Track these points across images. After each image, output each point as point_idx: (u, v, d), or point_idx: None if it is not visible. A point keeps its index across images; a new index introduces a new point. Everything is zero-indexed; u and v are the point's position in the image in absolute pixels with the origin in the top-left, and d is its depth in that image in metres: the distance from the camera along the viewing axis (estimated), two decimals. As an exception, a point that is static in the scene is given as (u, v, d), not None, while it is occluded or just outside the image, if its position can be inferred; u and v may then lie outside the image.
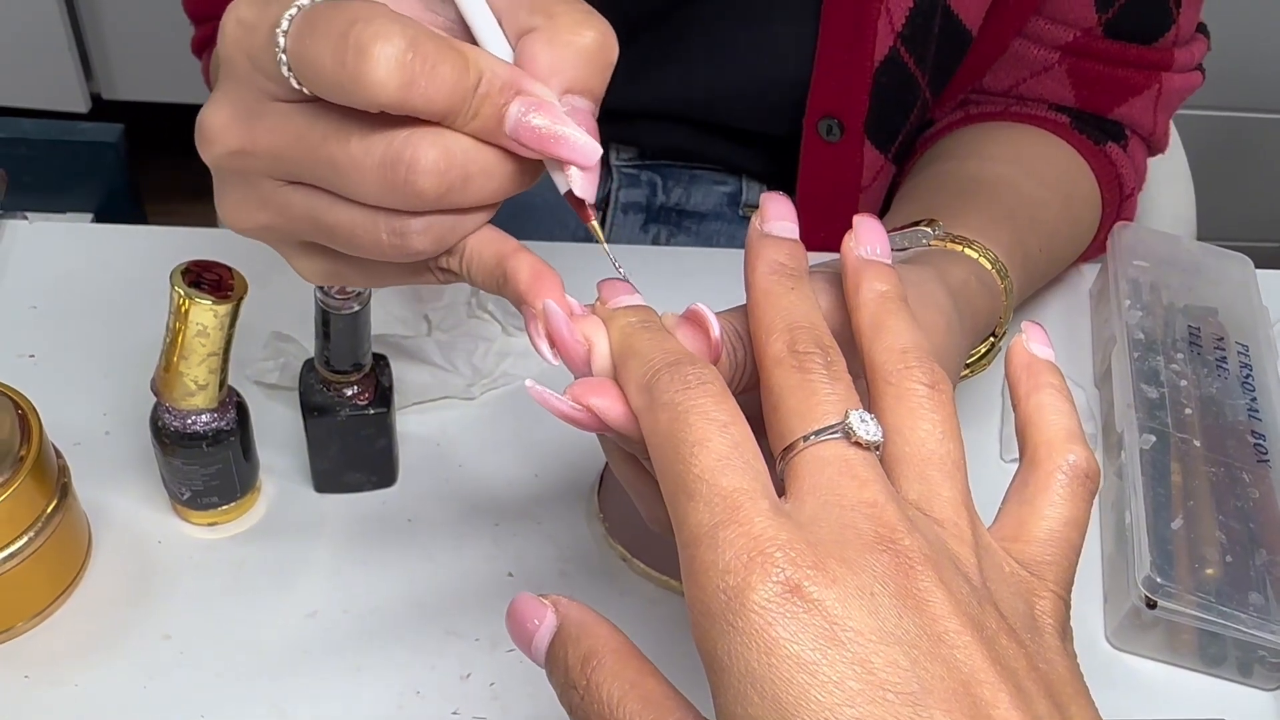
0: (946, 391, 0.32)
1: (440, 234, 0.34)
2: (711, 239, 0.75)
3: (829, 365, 0.32)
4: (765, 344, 0.33)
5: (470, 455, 0.57)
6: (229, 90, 0.35)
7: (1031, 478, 0.33)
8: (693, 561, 0.28)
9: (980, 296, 0.50)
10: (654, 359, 0.31)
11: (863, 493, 0.29)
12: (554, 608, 0.31)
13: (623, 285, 0.35)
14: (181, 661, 0.48)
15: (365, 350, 0.50)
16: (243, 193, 0.36)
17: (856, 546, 0.28)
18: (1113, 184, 0.65)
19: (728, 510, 0.28)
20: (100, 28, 1.59)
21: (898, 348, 0.33)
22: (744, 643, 0.26)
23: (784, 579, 0.26)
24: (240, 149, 0.35)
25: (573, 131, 0.33)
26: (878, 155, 0.67)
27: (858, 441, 0.30)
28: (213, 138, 0.35)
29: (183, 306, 0.44)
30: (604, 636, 0.30)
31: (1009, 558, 0.31)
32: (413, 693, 0.48)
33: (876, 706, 0.25)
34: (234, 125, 0.34)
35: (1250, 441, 0.57)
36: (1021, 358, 0.35)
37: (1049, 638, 0.30)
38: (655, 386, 0.31)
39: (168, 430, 0.48)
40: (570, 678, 0.30)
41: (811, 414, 0.30)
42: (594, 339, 0.34)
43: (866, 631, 0.26)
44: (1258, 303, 0.66)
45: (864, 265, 0.35)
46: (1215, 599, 0.50)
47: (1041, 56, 0.65)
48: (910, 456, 0.31)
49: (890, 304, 0.34)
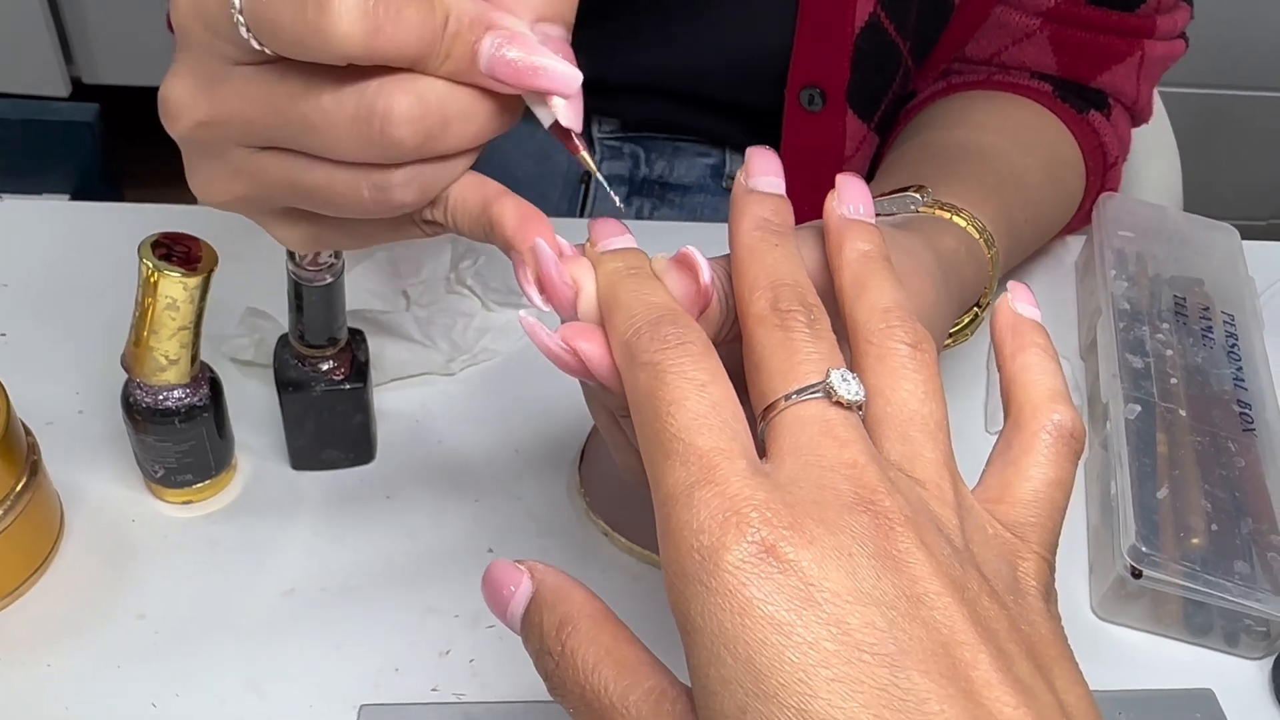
0: (929, 351, 0.32)
1: (423, 184, 0.33)
2: (695, 211, 0.75)
3: (812, 324, 0.31)
4: (748, 301, 0.32)
5: (450, 431, 0.56)
6: (188, 60, 0.33)
7: (1016, 438, 0.32)
8: (668, 521, 0.27)
9: (968, 266, 0.49)
10: (636, 314, 0.31)
11: (843, 453, 0.28)
12: (530, 573, 0.31)
13: (614, 225, 0.34)
14: (156, 641, 0.47)
15: (340, 324, 0.49)
16: (214, 164, 0.35)
17: (835, 507, 0.27)
18: (1096, 152, 0.65)
19: (704, 470, 0.27)
20: (80, 12, 1.58)
21: (880, 307, 0.32)
22: (717, 603, 0.26)
23: (759, 539, 0.26)
24: (207, 119, 0.33)
25: (550, 61, 0.31)
26: (860, 125, 0.67)
27: (839, 401, 0.29)
28: (177, 111, 0.34)
29: (152, 279, 0.44)
30: (579, 602, 0.30)
31: (992, 519, 0.31)
32: (391, 670, 0.47)
33: (852, 667, 0.25)
34: (197, 95, 0.33)
35: (1236, 411, 0.57)
36: (1007, 317, 0.35)
37: (1032, 600, 0.29)
38: (636, 344, 0.30)
39: (139, 406, 0.48)
40: (545, 643, 0.30)
41: (793, 373, 0.30)
42: (582, 282, 0.33)
43: (843, 592, 0.25)
44: (1244, 273, 0.66)
45: (847, 224, 0.34)
46: (1201, 568, 0.50)
47: (1023, 23, 0.64)
48: (892, 417, 0.30)
49: (873, 263, 0.33)
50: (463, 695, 0.47)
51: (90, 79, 1.64)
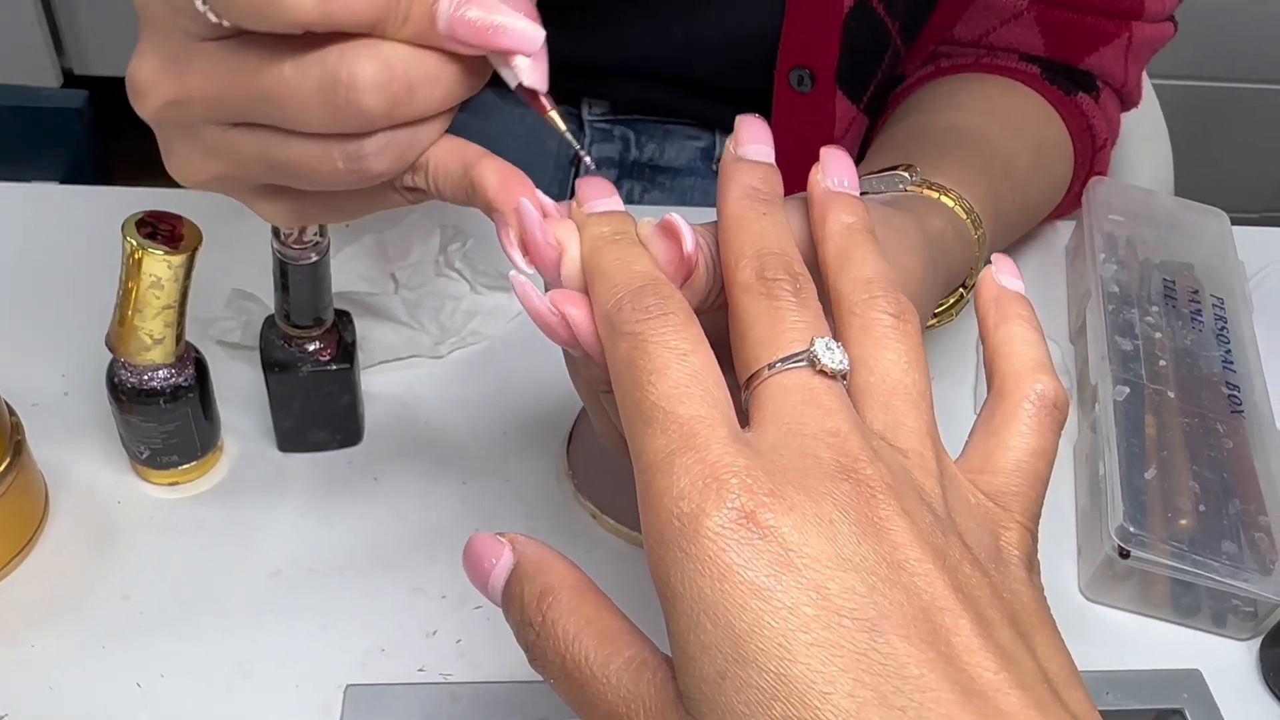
0: (912, 321, 0.31)
1: (397, 151, 0.33)
2: (685, 194, 0.75)
3: (798, 292, 0.31)
4: (734, 270, 0.32)
5: (437, 413, 0.56)
6: (152, 39, 0.33)
7: (999, 408, 0.32)
8: (648, 488, 0.27)
9: (955, 246, 0.49)
10: (618, 283, 0.31)
11: (826, 421, 0.28)
12: (511, 545, 0.31)
13: (602, 185, 0.34)
14: (141, 622, 0.47)
15: (326, 304, 0.49)
16: (188, 144, 0.35)
17: (817, 474, 0.27)
18: (1084, 135, 0.65)
19: (684, 437, 0.27)
20: (71, 3, 1.57)
21: (863, 278, 0.32)
22: (697, 569, 0.25)
23: (739, 505, 0.26)
24: (175, 98, 0.33)
25: (510, 19, 0.31)
26: (849, 106, 0.67)
27: (823, 370, 0.29)
28: (145, 90, 0.34)
29: (135, 256, 0.43)
30: (561, 573, 0.30)
31: (975, 489, 0.31)
32: (378, 650, 0.47)
33: (831, 632, 0.24)
34: (164, 74, 0.33)
35: (1224, 393, 0.57)
36: (990, 290, 0.35)
37: (1014, 569, 0.29)
38: (618, 314, 0.30)
39: (124, 386, 0.47)
40: (526, 614, 0.29)
41: (777, 342, 0.30)
42: (566, 243, 0.33)
43: (823, 558, 0.25)
44: (1233, 257, 0.66)
45: (831, 197, 0.34)
46: (1189, 548, 0.50)
47: (1011, 3, 0.64)
48: (875, 386, 0.30)
49: (856, 235, 0.33)
50: (449, 675, 0.47)
51: (81, 70, 1.63)
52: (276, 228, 0.46)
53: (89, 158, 1.24)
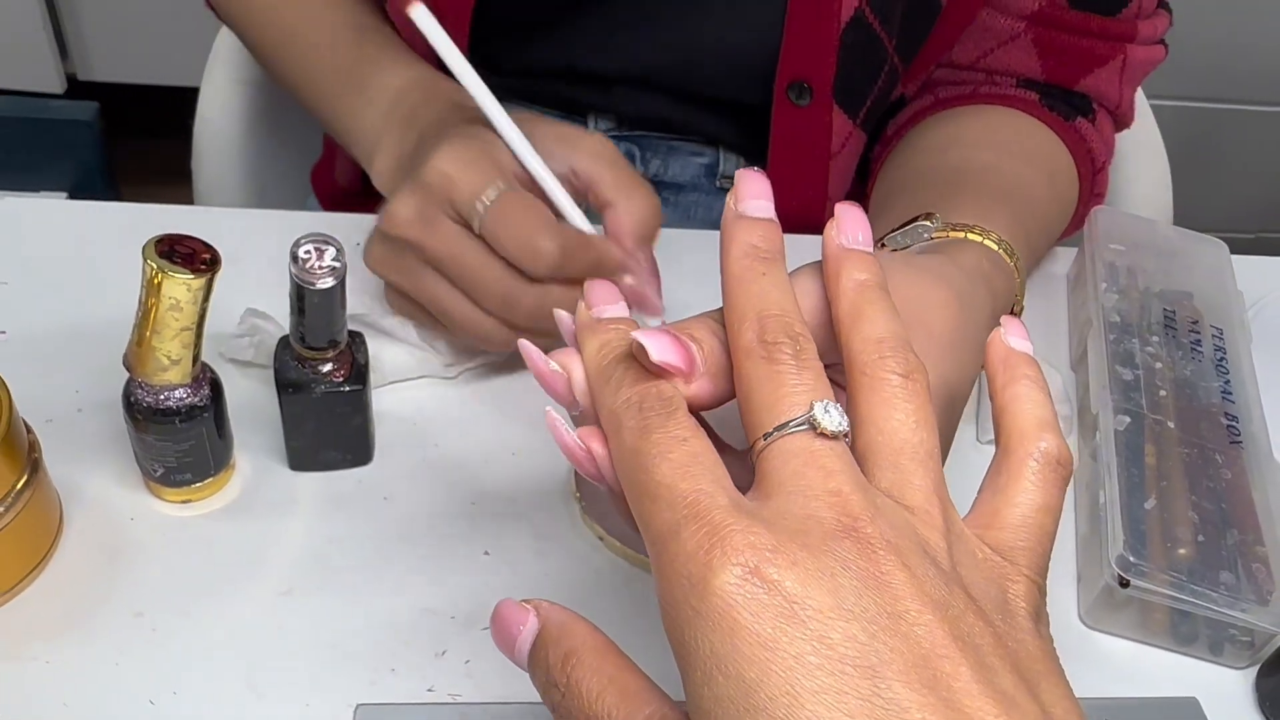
0: (921, 381, 0.32)
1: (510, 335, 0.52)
2: (689, 210, 0.76)
3: (797, 355, 0.31)
4: (737, 333, 0.33)
5: (447, 434, 0.57)
6: (419, 195, 0.51)
7: (1004, 465, 0.33)
8: (659, 557, 0.29)
9: (995, 275, 0.50)
10: (623, 388, 0.32)
11: (828, 482, 0.29)
12: (535, 611, 0.32)
13: (607, 291, 0.36)
14: (153, 639, 0.48)
15: (340, 326, 0.50)
16: (394, 257, 0.53)
17: (819, 534, 0.28)
18: (1085, 158, 0.66)
19: (689, 508, 0.28)
20: (76, 8, 1.58)
21: (873, 337, 0.33)
22: (707, 626, 0.27)
23: (744, 562, 0.27)
24: (414, 241, 0.51)
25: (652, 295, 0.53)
26: (846, 120, 0.68)
27: (823, 432, 0.30)
28: (397, 224, 0.52)
29: (155, 279, 0.44)
30: (583, 635, 0.31)
31: (982, 544, 0.31)
32: (387, 670, 0.48)
33: (835, 679, 0.25)
34: (416, 223, 0.51)
35: (1223, 423, 0.58)
36: (999, 351, 0.35)
37: (1021, 619, 0.30)
38: (625, 413, 0.31)
39: (140, 406, 0.48)
40: (551, 676, 0.31)
41: (778, 407, 0.31)
42: (570, 369, 0.34)
43: (825, 609, 0.26)
44: (1232, 287, 0.66)
45: (844, 254, 0.35)
46: (1187, 578, 0.50)
47: (1008, 26, 0.65)
48: (883, 445, 0.31)
49: (869, 292, 0.34)
50: (458, 696, 0.47)
51: (85, 76, 1.64)
52: (294, 251, 0.46)
53: (98, 170, 1.24)
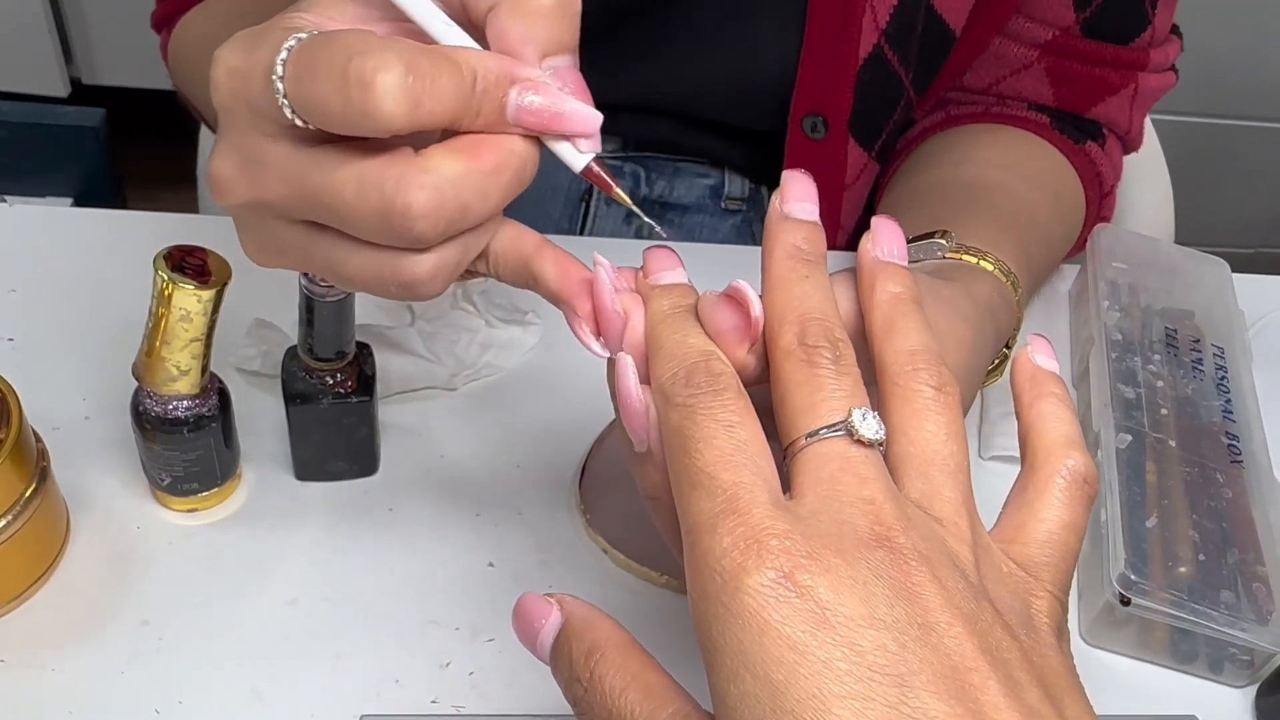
0: (953, 394, 0.33)
1: (449, 271, 0.35)
2: (694, 231, 0.76)
3: (837, 360, 0.32)
4: (777, 334, 0.33)
5: (452, 445, 0.57)
6: (232, 139, 0.35)
7: (1031, 482, 0.34)
8: (694, 548, 0.29)
9: (1001, 312, 0.51)
10: (674, 356, 0.32)
11: (862, 490, 0.29)
12: (559, 605, 0.32)
13: (668, 257, 0.36)
14: (160, 647, 0.48)
15: (349, 338, 0.50)
16: (263, 238, 0.37)
17: (852, 541, 0.28)
18: (1093, 182, 0.66)
19: (728, 501, 0.29)
20: (81, 12, 1.58)
21: (906, 349, 0.33)
22: (738, 624, 0.27)
23: (778, 565, 0.27)
24: (252, 200, 0.35)
25: (571, 104, 0.33)
26: (861, 153, 0.68)
27: (860, 439, 0.30)
28: (225, 189, 0.36)
29: (166, 291, 0.44)
30: (607, 631, 0.31)
31: (1007, 559, 0.32)
32: (392, 681, 0.48)
33: (863, 685, 0.26)
34: (242, 175, 0.35)
35: (1224, 442, 0.58)
36: (1026, 368, 0.36)
37: (1044, 634, 0.30)
38: (671, 387, 0.32)
39: (149, 415, 0.48)
40: (574, 671, 0.31)
41: (816, 410, 0.31)
42: (632, 313, 0.34)
43: (857, 617, 0.27)
44: (1234, 306, 0.67)
45: (879, 266, 0.35)
46: (1188, 596, 0.51)
47: (1021, 54, 0.65)
48: (914, 456, 0.32)
49: (903, 305, 0.34)
50: (462, 707, 0.47)
51: (90, 79, 1.64)
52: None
53: (104, 175, 1.25)
